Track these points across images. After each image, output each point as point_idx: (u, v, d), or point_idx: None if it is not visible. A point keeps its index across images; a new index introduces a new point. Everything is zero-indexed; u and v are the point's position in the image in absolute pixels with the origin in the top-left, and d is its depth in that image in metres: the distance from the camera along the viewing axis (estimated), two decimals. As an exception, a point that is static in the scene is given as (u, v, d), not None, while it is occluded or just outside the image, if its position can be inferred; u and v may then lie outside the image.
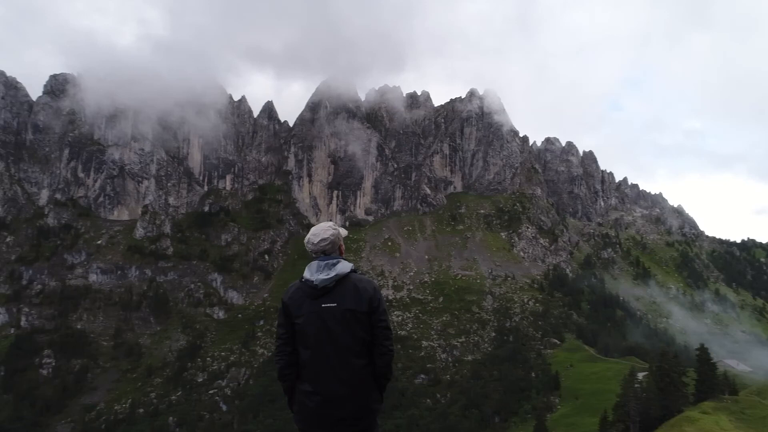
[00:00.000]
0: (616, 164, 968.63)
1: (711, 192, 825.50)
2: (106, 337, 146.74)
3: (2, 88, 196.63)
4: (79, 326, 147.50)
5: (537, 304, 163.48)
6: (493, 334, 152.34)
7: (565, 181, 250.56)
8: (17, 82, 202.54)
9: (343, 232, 5.65)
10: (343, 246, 5.60)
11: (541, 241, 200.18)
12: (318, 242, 5.38)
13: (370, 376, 5.22)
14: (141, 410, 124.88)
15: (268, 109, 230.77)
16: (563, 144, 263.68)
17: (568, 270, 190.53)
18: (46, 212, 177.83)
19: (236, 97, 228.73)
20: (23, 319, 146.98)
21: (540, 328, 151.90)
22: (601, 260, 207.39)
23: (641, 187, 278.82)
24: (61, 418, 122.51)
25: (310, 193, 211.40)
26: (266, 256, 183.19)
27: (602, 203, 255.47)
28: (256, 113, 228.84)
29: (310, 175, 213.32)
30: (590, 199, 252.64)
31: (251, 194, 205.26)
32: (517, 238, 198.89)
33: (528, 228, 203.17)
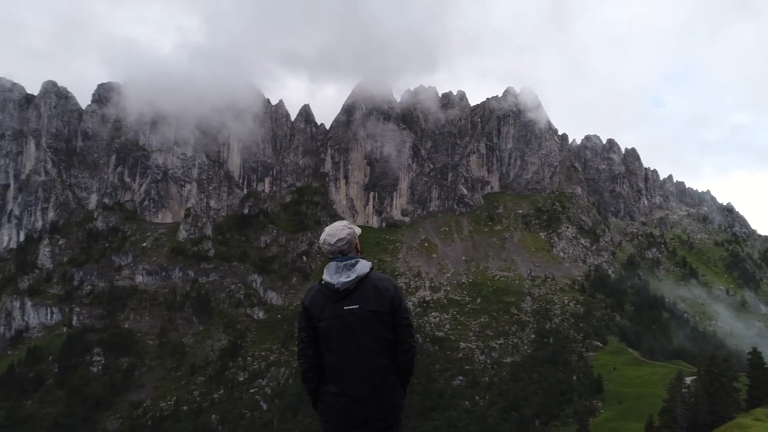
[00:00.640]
0: (658, 162, 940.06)
1: (762, 189, 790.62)
2: (152, 336, 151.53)
3: (54, 98, 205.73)
4: (126, 325, 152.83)
5: (578, 306, 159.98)
6: (533, 335, 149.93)
7: (606, 180, 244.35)
8: (68, 92, 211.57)
9: (357, 230, 5.58)
10: (359, 244, 5.57)
11: (582, 241, 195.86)
12: (335, 242, 5.36)
13: (393, 374, 5.23)
14: (185, 407, 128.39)
15: (305, 113, 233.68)
16: (604, 141, 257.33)
17: (610, 271, 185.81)
18: (95, 216, 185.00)
19: (274, 101, 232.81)
20: (75, 318, 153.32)
21: (581, 330, 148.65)
22: (645, 260, 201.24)
23: (687, 185, 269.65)
24: (111, 414, 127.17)
25: (346, 195, 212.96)
26: (304, 257, 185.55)
27: (646, 202, 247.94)
28: (293, 117, 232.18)
29: (346, 177, 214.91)
30: (633, 197, 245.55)
31: (289, 196, 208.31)
32: (556, 239, 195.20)
33: (568, 228, 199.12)
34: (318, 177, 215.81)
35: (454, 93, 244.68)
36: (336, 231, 5.41)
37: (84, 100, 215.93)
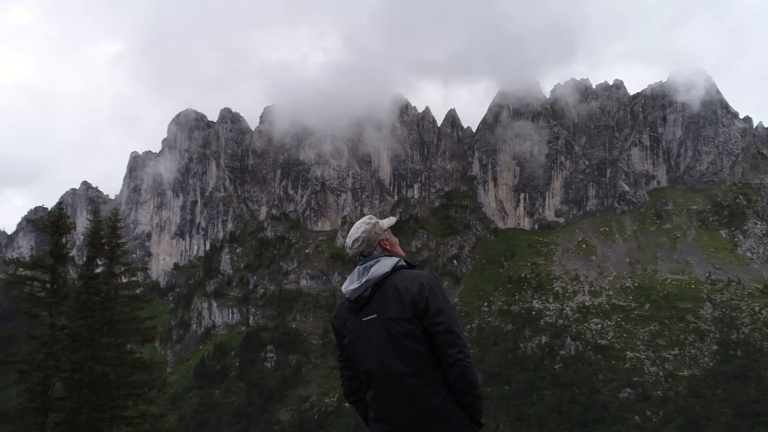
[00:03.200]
0: None
1: None
2: (316, 336, 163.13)
3: (229, 123, 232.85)
4: (293, 326, 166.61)
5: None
6: (715, 347, 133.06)
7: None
8: (240, 116, 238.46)
9: (384, 222, 4.64)
10: (390, 239, 4.60)
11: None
12: (352, 245, 4.57)
13: (441, 395, 4.13)
14: (346, 405, 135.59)
15: (451, 117, 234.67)
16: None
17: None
18: (265, 226, 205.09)
19: (420, 109, 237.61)
20: (251, 318, 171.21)
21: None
22: None
23: None
24: (282, 406, 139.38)
25: (495, 197, 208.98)
26: (455, 261, 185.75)
27: None
28: (439, 122, 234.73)
29: (495, 179, 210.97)
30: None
31: (438, 201, 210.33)
32: (741, 237, 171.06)
33: (756, 224, 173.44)
34: (466, 180, 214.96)
35: (610, 82, 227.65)
36: (352, 231, 4.61)
37: (251, 121, 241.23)
